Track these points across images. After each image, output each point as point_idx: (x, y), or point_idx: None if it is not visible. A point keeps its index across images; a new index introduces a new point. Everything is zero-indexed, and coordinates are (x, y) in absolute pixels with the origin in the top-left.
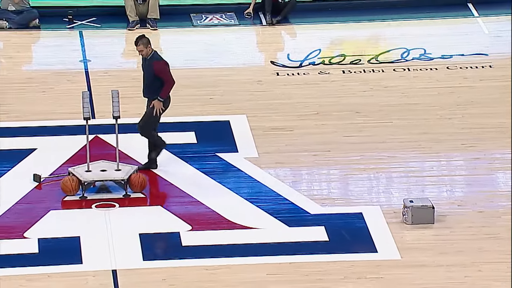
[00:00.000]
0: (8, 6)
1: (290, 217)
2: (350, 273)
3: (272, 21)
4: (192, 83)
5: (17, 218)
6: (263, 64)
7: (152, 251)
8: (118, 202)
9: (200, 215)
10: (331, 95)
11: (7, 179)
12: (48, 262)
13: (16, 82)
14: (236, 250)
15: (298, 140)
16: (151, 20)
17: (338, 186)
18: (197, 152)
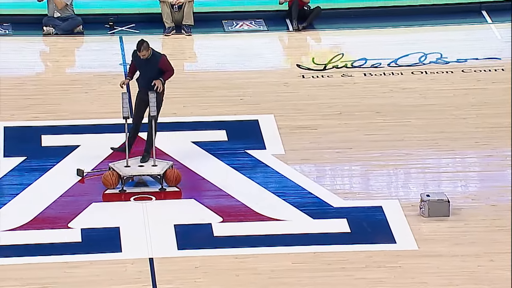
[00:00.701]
0: (54, 13)
1: (314, 210)
2: (370, 262)
3: (298, 27)
4: (223, 85)
5: (61, 210)
6: (289, 67)
7: (186, 240)
8: (154, 195)
9: (230, 207)
10: (353, 96)
11: (53, 174)
12: (90, 250)
13: (61, 83)
14: (264, 240)
15: (322, 138)
16: (185, 26)
17: (359, 181)
18: (227, 149)
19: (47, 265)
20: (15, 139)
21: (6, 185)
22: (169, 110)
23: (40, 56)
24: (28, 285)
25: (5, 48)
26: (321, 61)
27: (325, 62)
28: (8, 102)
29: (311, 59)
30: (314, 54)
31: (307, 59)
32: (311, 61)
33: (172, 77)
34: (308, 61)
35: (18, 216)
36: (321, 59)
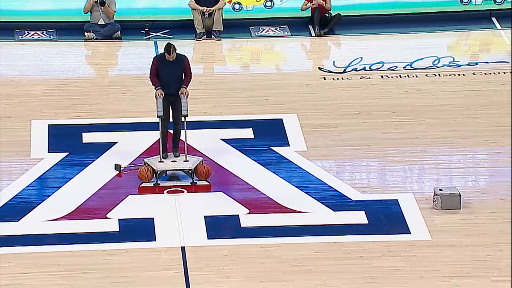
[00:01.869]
0: (99, 20)
1: (334, 203)
2: (386, 251)
3: (320, 33)
4: (250, 86)
5: (100, 202)
6: (311, 70)
7: (215, 231)
8: (186, 188)
9: (256, 200)
10: (371, 97)
11: (93, 168)
12: (126, 239)
13: (101, 85)
14: (287, 231)
15: (342, 136)
16: (215, 32)
17: (377, 176)
18: (254, 146)
19: (87, 252)
20: (58, 136)
21: (50, 178)
22: (200, 109)
23: (81, 60)
24: (69, 271)
25: (50, 52)
26: (341, 64)
27: (344, 65)
28: (52, 102)
29: (332, 62)
30: (334, 58)
31: (328, 62)
32: (332, 64)
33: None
34: (329, 64)
35: (60, 207)
36: (341, 63)
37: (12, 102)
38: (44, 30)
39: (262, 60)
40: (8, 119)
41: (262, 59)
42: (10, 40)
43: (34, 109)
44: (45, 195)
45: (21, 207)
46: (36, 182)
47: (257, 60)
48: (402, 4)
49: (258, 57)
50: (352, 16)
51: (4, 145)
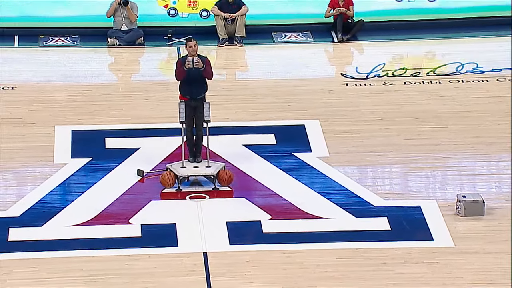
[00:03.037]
0: (122, 26)
1: (356, 209)
2: (409, 258)
3: (343, 39)
4: (272, 92)
5: (123, 207)
6: (334, 76)
7: (237, 236)
8: (208, 194)
9: (278, 206)
10: (393, 103)
11: (116, 174)
12: (149, 244)
13: (124, 90)
14: (310, 237)
15: (364, 142)
16: (238, 38)
17: (399, 182)
18: (276, 152)
19: (110, 257)
20: (81, 141)
21: (73, 184)
22: (222, 115)
23: (105, 66)
24: (92, 276)
25: (73, 58)
26: (363, 70)
27: (367, 71)
28: (76, 108)
29: (355, 69)
30: (357, 64)
31: (350, 68)
32: (355, 70)
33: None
34: (352, 70)
35: (83, 212)
36: (363, 69)
37: (36, 108)
38: (68, 36)
39: (285, 66)
40: (32, 125)
41: (285, 65)
42: (34, 46)
43: (58, 115)
44: (68, 200)
45: (45, 212)
46: (60, 187)
47: (279, 66)
48: (425, 10)
49: (280, 63)
50: (375, 22)
51: (28, 150)
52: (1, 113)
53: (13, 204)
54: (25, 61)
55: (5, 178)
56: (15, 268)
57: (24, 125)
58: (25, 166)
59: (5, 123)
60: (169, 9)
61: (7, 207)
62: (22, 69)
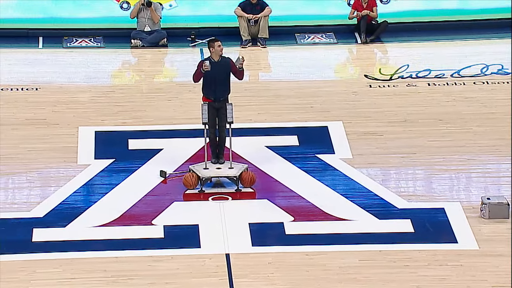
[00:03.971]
0: (145, 27)
1: (380, 211)
2: (433, 260)
3: (366, 40)
4: (295, 94)
5: (146, 208)
6: (357, 77)
7: (259, 238)
8: (231, 195)
9: (301, 207)
10: (417, 105)
11: (139, 175)
12: (171, 246)
13: (147, 92)
14: (332, 239)
15: (388, 143)
16: (261, 39)
17: (423, 184)
18: (299, 153)
19: (132, 258)
20: (104, 142)
21: (97, 184)
22: (245, 116)
23: (128, 67)
24: (115, 277)
25: (97, 60)
26: (387, 71)
27: (391, 73)
28: (99, 109)
29: (378, 70)
30: (380, 65)
31: (374, 69)
32: (378, 72)
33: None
34: (375, 71)
35: (106, 213)
36: (387, 70)
37: (59, 109)
38: (91, 38)
39: (308, 67)
40: (56, 126)
41: (308, 66)
42: (58, 47)
43: (81, 116)
44: (91, 201)
45: (68, 213)
46: (83, 188)
47: (302, 67)
48: (449, 11)
49: (303, 64)
50: (399, 23)
51: (51, 151)
52: (26, 114)
53: (37, 204)
54: (49, 62)
55: (29, 179)
56: (39, 269)
57: (48, 126)
58: (48, 167)
59: (29, 124)
60: (122, 2)
61: (31, 207)
62: (46, 70)
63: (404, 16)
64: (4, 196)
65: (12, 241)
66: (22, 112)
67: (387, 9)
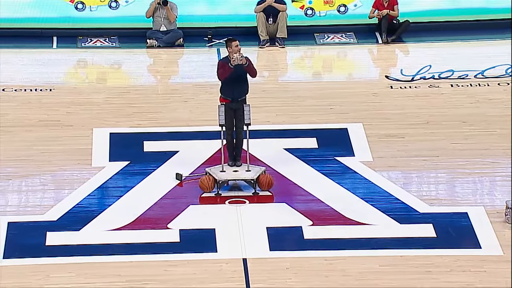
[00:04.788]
0: (161, 27)
1: (401, 215)
2: (456, 266)
3: (387, 40)
4: (314, 95)
5: (161, 211)
6: (378, 78)
7: (277, 242)
8: (248, 199)
9: (320, 211)
10: (440, 106)
11: (154, 177)
12: (187, 250)
13: (163, 93)
14: (352, 244)
15: (409, 146)
16: (279, 39)
17: (445, 188)
18: (318, 156)
19: (148, 263)
20: (119, 144)
21: (111, 187)
22: (262, 118)
23: (143, 67)
24: (129, 282)
25: (112, 60)
26: (409, 72)
27: (413, 73)
28: (114, 110)
29: (400, 71)
30: (402, 66)
31: (395, 70)
32: (399, 73)
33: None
34: (397, 72)
35: (121, 216)
36: (409, 71)
37: (73, 110)
38: (106, 38)
39: (327, 68)
40: (70, 127)
41: (327, 67)
42: (73, 47)
43: (96, 117)
44: (106, 204)
45: (82, 216)
46: (97, 191)
47: (321, 68)
48: (472, 11)
49: (323, 65)
50: (421, 22)
51: (65, 153)
52: (39, 115)
53: (50, 208)
54: (64, 63)
55: (43, 181)
56: (52, 273)
57: (62, 127)
58: (62, 169)
59: (43, 125)
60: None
61: (44, 211)
62: (60, 71)
63: (426, 15)
64: (18, 199)
65: (25, 244)
66: (35, 113)
67: (409, 8)
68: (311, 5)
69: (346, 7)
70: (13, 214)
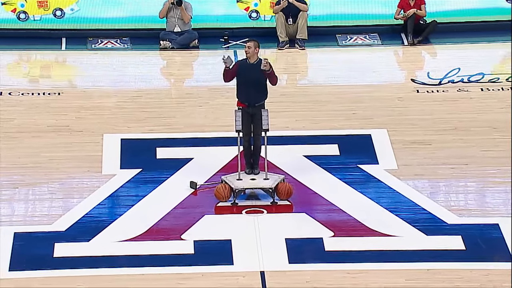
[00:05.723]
0: (175, 28)
1: (427, 226)
2: (486, 281)
3: (414, 41)
4: (336, 99)
5: (175, 221)
6: (403, 81)
7: (297, 254)
8: (266, 208)
9: (342, 222)
10: (469, 112)
11: (167, 186)
12: (202, 262)
13: (177, 97)
14: (376, 256)
15: (437, 153)
16: (299, 40)
17: (475, 197)
18: (339, 163)
19: (160, 276)
20: (131, 151)
21: (123, 196)
22: (281, 124)
23: (156, 70)
24: None
25: (123, 62)
26: (436, 75)
27: (440, 77)
28: (125, 115)
29: (426, 74)
30: (429, 69)
31: (422, 73)
32: (426, 76)
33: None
34: (423, 75)
35: (133, 227)
36: (436, 74)
37: (83, 115)
38: (118, 39)
39: (350, 71)
40: (79, 133)
41: (350, 69)
42: (82, 49)
43: (106, 123)
44: (117, 214)
45: (92, 226)
46: (108, 200)
47: (344, 71)
48: (503, 10)
49: (345, 68)
50: (449, 23)
51: (75, 160)
52: (47, 120)
53: (58, 217)
54: (73, 65)
55: (51, 190)
56: (61, 286)
57: (71, 133)
58: (71, 177)
59: (51, 131)
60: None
61: (52, 221)
62: (69, 74)
63: (455, 15)
64: (24, 209)
65: (32, 256)
66: (43, 119)
67: (437, 8)
68: (256, 7)
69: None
70: (19, 224)
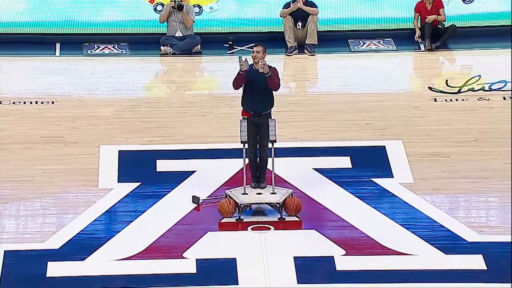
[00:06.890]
0: (176, 32)
1: (446, 244)
2: None
3: (431, 47)
4: (348, 108)
5: (176, 239)
6: (420, 89)
7: (306, 274)
8: (273, 225)
9: (354, 239)
10: (490, 122)
11: (168, 200)
12: (205, 282)
13: (178, 106)
14: (390, 276)
15: (455, 166)
16: (309, 45)
17: (497, 213)
18: (352, 177)
19: None
20: (129, 163)
21: (120, 211)
22: (289, 134)
23: (156, 77)
24: None
25: (121, 69)
26: (455, 83)
27: (459, 85)
28: (123, 125)
29: (445, 81)
30: (447, 76)
31: (440, 81)
32: (444, 84)
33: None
34: (441, 83)
35: (131, 244)
36: (455, 81)
37: (78, 125)
38: (115, 44)
39: (363, 78)
40: (74, 144)
41: (362, 77)
42: (78, 55)
43: (103, 133)
44: (114, 230)
45: (87, 244)
46: (104, 216)
47: (356, 78)
48: None
49: (357, 75)
50: (469, 27)
51: (69, 173)
52: (40, 131)
53: (52, 234)
54: (67, 72)
55: (44, 205)
56: None
57: (65, 144)
58: (66, 191)
59: (44, 142)
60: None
61: (45, 238)
62: (63, 81)
63: (475, 19)
64: (15, 225)
65: (24, 275)
66: (36, 129)
67: (456, 12)
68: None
69: None
70: (10, 241)
